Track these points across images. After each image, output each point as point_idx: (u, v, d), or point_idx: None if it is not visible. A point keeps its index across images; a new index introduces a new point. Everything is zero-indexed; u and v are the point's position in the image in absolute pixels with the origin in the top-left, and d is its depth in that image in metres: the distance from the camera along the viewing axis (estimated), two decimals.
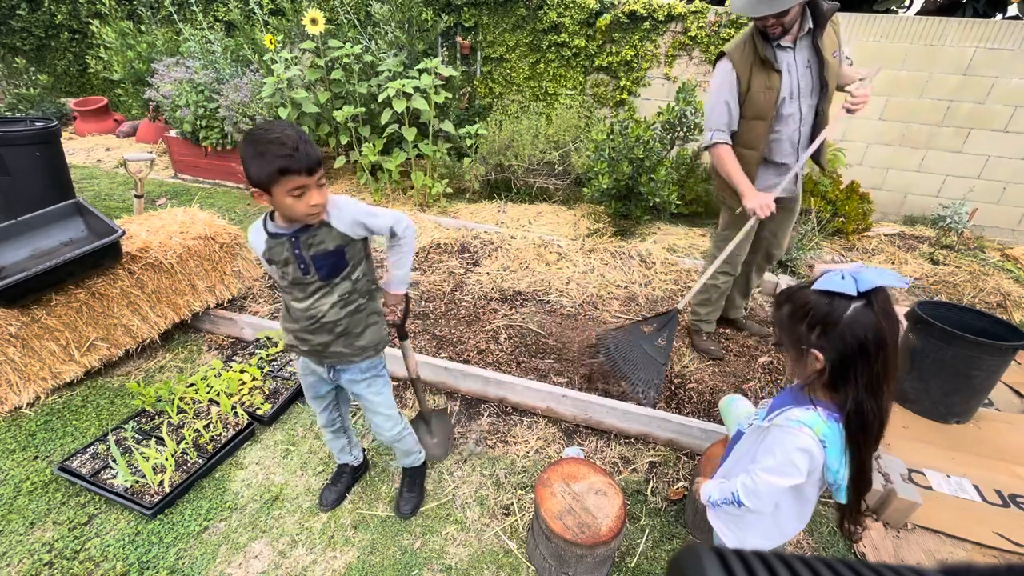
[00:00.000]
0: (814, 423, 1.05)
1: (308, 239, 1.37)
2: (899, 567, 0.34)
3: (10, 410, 2.21)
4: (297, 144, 1.22)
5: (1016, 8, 4.95)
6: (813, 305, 1.01)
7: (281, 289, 1.52)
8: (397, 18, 4.89)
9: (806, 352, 1.04)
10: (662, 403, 2.40)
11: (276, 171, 1.21)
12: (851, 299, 0.97)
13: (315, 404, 1.76)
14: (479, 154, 4.90)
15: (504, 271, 3.50)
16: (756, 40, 2.11)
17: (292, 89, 4.49)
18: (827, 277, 0.99)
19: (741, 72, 2.14)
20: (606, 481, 1.66)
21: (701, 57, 4.68)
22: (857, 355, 0.98)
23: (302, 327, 1.50)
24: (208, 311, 2.80)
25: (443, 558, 1.73)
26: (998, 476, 2.12)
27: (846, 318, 0.97)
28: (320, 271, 1.41)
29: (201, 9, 6.29)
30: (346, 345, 1.54)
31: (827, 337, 1.00)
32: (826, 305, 0.99)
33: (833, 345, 1.00)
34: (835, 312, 0.98)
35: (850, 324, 0.97)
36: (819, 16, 2.07)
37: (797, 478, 1.08)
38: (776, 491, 1.11)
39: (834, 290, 0.97)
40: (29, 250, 2.44)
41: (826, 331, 1.00)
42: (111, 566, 1.65)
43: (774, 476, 1.10)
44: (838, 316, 0.98)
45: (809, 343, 1.02)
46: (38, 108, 6.74)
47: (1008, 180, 4.41)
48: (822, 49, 2.09)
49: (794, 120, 2.20)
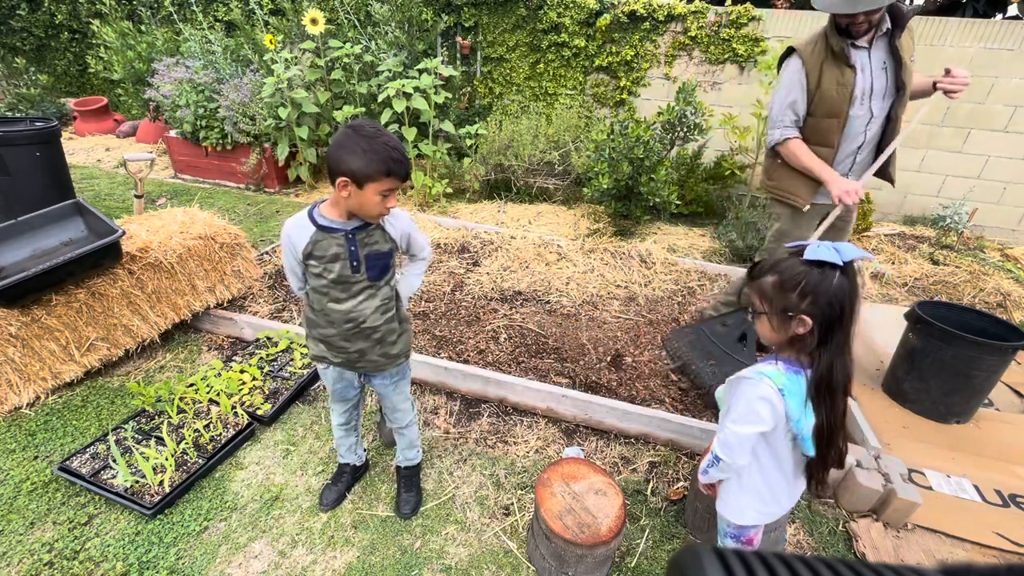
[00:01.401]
0: (773, 374, 1.16)
1: (365, 237, 1.41)
2: (899, 567, 0.34)
3: (10, 410, 2.21)
4: (404, 152, 1.32)
5: (1016, 8, 4.95)
6: (806, 275, 1.09)
7: (316, 290, 1.46)
8: (397, 18, 4.89)
9: (792, 318, 1.13)
10: (666, 406, 2.40)
11: (384, 170, 1.28)
12: (835, 268, 1.08)
13: (339, 406, 1.77)
14: (479, 154, 4.90)
15: (504, 271, 3.50)
16: (830, 36, 2.05)
17: (292, 89, 4.49)
18: (813, 249, 1.09)
19: (811, 68, 2.09)
20: (606, 481, 1.66)
21: (701, 57, 4.68)
22: (838, 319, 1.10)
23: (339, 332, 1.49)
24: (208, 311, 2.80)
25: (443, 558, 1.73)
26: (998, 476, 2.12)
27: (834, 286, 1.08)
28: (371, 271, 1.45)
29: (201, 9, 6.29)
30: (381, 354, 1.58)
31: (818, 304, 1.10)
32: (819, 274, 1.08)
33: (822, 311, 1.10)
34: (825, 281, 1.08)
35: (836, 291, 1.08)
36: (899, 17, 2.03)
37: (761, 425, 1.17)
38: (745, 440, 1.20)
39: (824, 259, 1.07)
40: (29, 250, 2.44)
41: (817, 298, 1.09)
42: (111, 566, 1.65)
43: (740, 425, 1.20)
44: (828, 284, 1.08)
45: (799, 310, 1.11)
46: (38, 108, 6.74)
47: (1008, 180, 4.41)
48: (900, 51, 2.03)
49: (861, 122, 2.13)
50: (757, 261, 1.20)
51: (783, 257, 1.15)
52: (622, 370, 2.58)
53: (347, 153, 1.27)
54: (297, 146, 4.82)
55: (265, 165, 4.98)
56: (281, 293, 3.15)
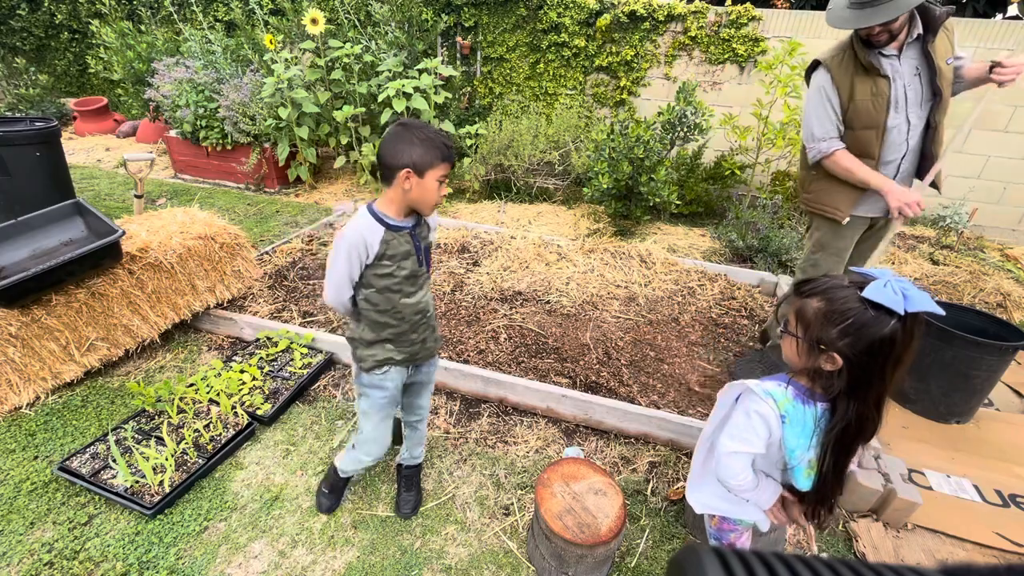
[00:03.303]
0: (780, 397, 1.09)
1: (420, 231, 1.49)
2: (899, 567, 0.34)
3: (10, 410, 2.21)
4: (449, 141, 1.39)
5: (1016, 8, 4.95)
6: (855, 314, 0.96)
7: (387, 289, 1.47)
8: (397, 18, 4.90)
9: (823, 351, 1.01)
10: (671, 406, 2.40)
11: (440, 156, 1.35)
12: (894, 317, 0.93)
13: (386, 424, 1.72)
14: (479, 154, 4.90)
15: (504, 271, 3.50)
16: (856, 47, 1.97)
17: (292, 89, 4.49)
18: (877, 288, 0.94)
19: (840, 82, 2.02)
20: (606, 481, 1.66)
21: (701, 57, 4.68)
22: (877, 371, 0.97)
23: (411, 324, 1.55)
24: (208, 311, 2.80)
25: (443, 558, 1.73)
26: (998, 476, 2.12)
27: (883, 334, 0.94)
28: (428, 263, 1.56)
29: (201, 9, 6.30)
30: (435, 338, 1.67)
31: (855, 347, 0.97)
32: (871, 318, 0.95)
33: (859, 357, 0.97)
34: (876, 326, 0.94)
35: (884, 341, 0.95)
36: (931, 21, 1.94)
37: (751, 447, 1.11)
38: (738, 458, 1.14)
39: (882, 303, 0.93)
40: (29, 250, 2.44)
41: (859, 342, 0.96)
42: (111, 566, 1.65)
43: (735, 442, 1.14)
44: (877, 331, 0.94)
45: (834, 347, 0.99)
46: (38, 108, 6.75)
47: (1008, 180, 4.41)
48: (933, 56, 1.94)
49: (900, 132, 2.05)
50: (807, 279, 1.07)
51: (839, 284, 1.01)
52: (611, 365, 2.58)
53: (405, 145, 1.33)
54: (297, 146, 4.82)
55: (265, 165, 4.99)
56: (281, 293, 3.15)
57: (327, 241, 3.87)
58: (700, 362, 2.71)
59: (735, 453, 1.13)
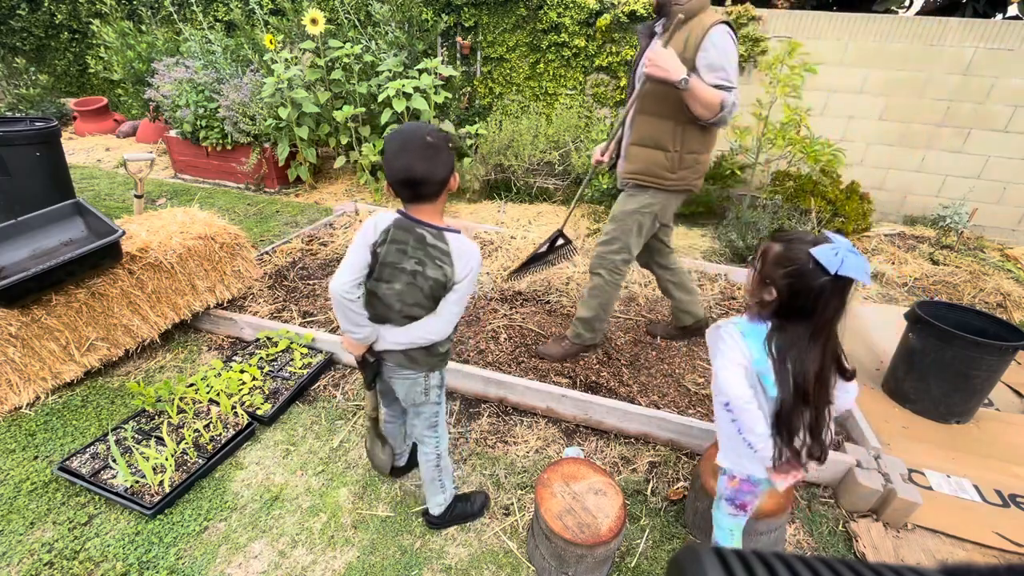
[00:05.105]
0: (737, 321, 1.34)
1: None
2: (899, 567, 0.34)
3: (10, 410, 2.21)
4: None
5: (1016, 8, 4.95)
6: (800, 263, 1.19)
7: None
8: (397, 18, 4.89)
9: (767, 284, 1.26)
10: (670, 406, 2.40)
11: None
12: (826, 274, 1.15)
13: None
14: (479, 154, 4.90)
15: (504, 271, 3.50)
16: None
17: (292, 89, 4.49)
18: (824, 249, 1.15)
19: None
20: (606, 481, 1.66)
21: None
22: (805, 314, 1.22)
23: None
24: (208, 311, 2.80)
25: (443, 558, 1.73)
26: (998, 476, 2.12)
27: (814, 286, 1.17)
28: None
29: (201, 9, 6.30)
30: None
31: (790, 288, 1.21)
32: (809, 270, 1.17)
33: (790, 296, 1.22)
34: (810, 275, 1.17)
35: (814, 290, 1.18)
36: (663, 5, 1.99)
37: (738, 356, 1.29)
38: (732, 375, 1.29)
39: (820, 262, 1.14)
40: (29, 250, 2.44)
41: (792, 284, 1.20)
42: (111, 566, 1.65)
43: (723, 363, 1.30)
44: (809, 280, 1.18)
45: (775, 283, 1.24)
46: (38, 108, 6.75)
47: (1008, 180, 4.41)
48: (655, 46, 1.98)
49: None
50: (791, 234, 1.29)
51: (803, 238, 1.22)
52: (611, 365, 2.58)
53: (444, 155, 1.33)
54: (297, 146, 4.82)
55: (265, 165, 4.99)
56: (281, 293, 3.15)
57: (327, 241, 3.87)
58: (700, 362, 2.71)
59: (724, 369, 1.30)
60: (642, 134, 2.16)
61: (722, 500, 1.54)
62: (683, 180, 2.21)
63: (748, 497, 1.49)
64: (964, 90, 4.22)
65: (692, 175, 2.22)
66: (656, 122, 2.10)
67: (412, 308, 1.42)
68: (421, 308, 1.43)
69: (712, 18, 1.93)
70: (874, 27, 4.21)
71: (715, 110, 1.94)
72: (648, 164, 2.18)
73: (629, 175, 2.26)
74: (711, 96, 1.91)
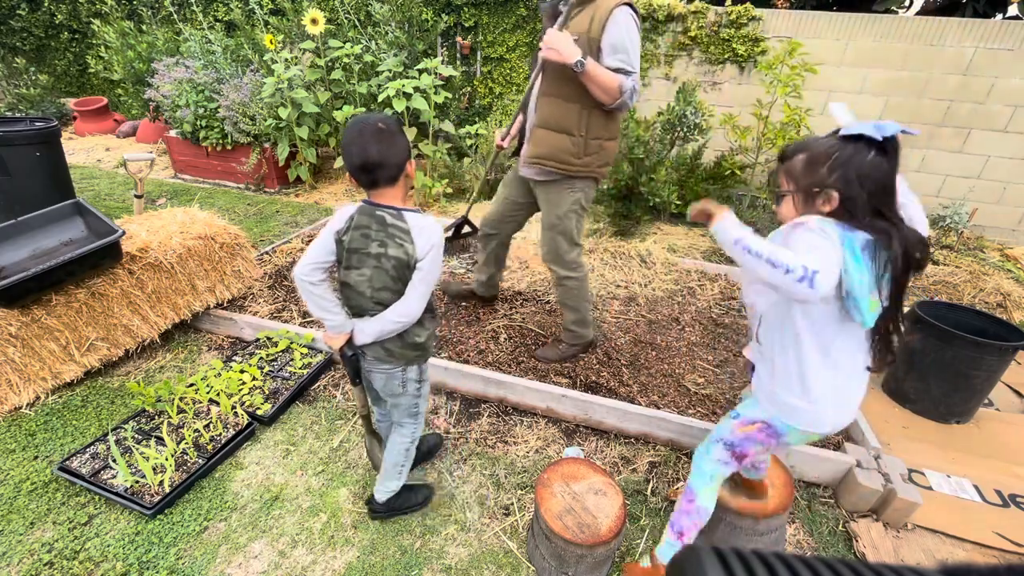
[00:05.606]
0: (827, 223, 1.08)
1: None
2: (899, 567, 0.34)
3: (10, 410, 2.21)
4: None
5: (1016, 8, 4.95)
6: (838, 149, 1.06)
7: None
8: (397, 18, 4.90)
9: (818, 194, 1.10)
10: (669, 405, 2.40)
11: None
12: (872, 144, 1.04)
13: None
14: (479, 154, 4.90)
15: (503, 271, 3.49)
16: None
17: (292, 89, 4.49)
18: (852, 127, 1.05)
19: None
20: (606, 481, 1.66)
21: (701, 57, 4.68)
22: (873, 196, 1.06)
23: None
24: (208, 311, 2.80)
25: (443, 558, 1.73)
26: (998, 476, 2.12)
27: (868, 161, 1.05)
28: None
29: (201, 9, 6.30)
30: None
31: (847, 179, 1.06)
32: (852, 149, 1.05)
33: (851, 187, 1.06)
34: (859, 155, 1.05)
35: (870, 168, 1.05)
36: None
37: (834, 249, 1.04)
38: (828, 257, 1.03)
39: (862, 133, 1.03)
40: (29, 250, 2.44)
41: (847, 172, 1.06)
42: (111, 566, 1.65)
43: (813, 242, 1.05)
44: (861, 159, 1.05)
45: (825, 184, 1.08)
46: (38, 108, 6.75)
47: (1008, 180, 4.41)
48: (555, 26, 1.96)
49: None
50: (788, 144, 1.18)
51: (815, 137, 1.11)
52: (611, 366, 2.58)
53: (399, 137, 1.35)
54: (297, 146, 4.83)
55: (265, 165, 4.99)
56: (281, 293, 3.15)
57: None
58: (700, 362, 2.71)
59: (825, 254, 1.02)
60: (547, 116, 2.10)
61: (717, 443, 1.37)
62: (588, 167, 2.17)
63: (756, 448, 1.29)
64: (964, 90, 4.22)
65: (596, 161, 2.18)
66: (561, 104, 2.05)
67: (381, 293, 1.44)
68: (389, 292, 1.44)
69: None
70: (874, 27, 4.21)
71: (614, 95, 1.93)
72: (553, 149, 2.12)
73: (534, 159, 2.17)
74: (608, 79, 1.89)
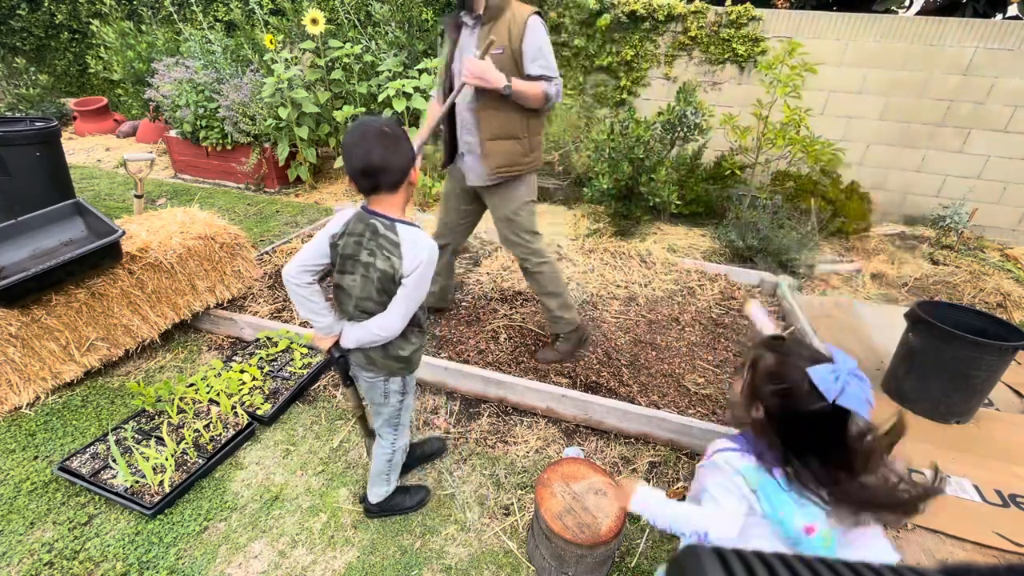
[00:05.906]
0: (747, 472, 1.08)
1: None
2: (899, 567, 0.34)
3: (10, 410, 2.21)
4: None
5: (1016, 8, 4.94)
6: (793, 383, 1.01)
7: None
8: (397, 18, 4.90)
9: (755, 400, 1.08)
10: (668, 405, 2.40)
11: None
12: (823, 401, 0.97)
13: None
14: None
15: (504, 271, 3.50)
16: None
17: (292, 89, 4.49)
18: (822, 371, 0.98)
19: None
20: (606, 481, 1.66)
21: (701, 57, 4.68)
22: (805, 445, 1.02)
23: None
24: (208, 311, 2.80)
25: (443, 558, 1.73)
26: (998, 476, 2.12)
27: (808, 411, 0.99)
28: None
29: (201, 9, 6.30)
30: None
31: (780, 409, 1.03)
32: (803, 392, 0.99)
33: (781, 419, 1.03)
34: (803, 401, 0.99)
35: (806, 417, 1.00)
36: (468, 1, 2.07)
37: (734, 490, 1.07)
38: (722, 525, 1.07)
39: (818, 386, 0.97)
40: (29, 250, 2.44)
41: (783, 406, 1.03)
42: (111, 566, 1.65)
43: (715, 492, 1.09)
44: (804, 405, 0.99)
45: (763, 400, 1.06)
46: (38, 108, 6.75)
47: (1008, 180, 4.41)
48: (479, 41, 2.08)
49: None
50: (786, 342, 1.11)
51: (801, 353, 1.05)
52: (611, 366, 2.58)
53: (406, 142, 1.32)
54: (297, 146, 4.82)
55: (265, 165, 4.99)
56: (281, 293, 3.15)
57: None
58: (700, 362, 2.71)
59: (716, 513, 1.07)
60: (495, 128, 2.22)
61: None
62: (534, 161, 2.37)
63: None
64: (964, 90, 4.22)
65: (537, 155, 2.40)
66: (504, 115, 2.19)
67: (364, 302, 1.42)
68: (372, 302, 1.42)
69: (525, 10, 2.08)
70: (874, 27, 4.21)
71: (541, 101, 2.15)
72: (508, 155, 2.28)
73: (496, 169, 2.29)
74: (534, 91, 2.09)
